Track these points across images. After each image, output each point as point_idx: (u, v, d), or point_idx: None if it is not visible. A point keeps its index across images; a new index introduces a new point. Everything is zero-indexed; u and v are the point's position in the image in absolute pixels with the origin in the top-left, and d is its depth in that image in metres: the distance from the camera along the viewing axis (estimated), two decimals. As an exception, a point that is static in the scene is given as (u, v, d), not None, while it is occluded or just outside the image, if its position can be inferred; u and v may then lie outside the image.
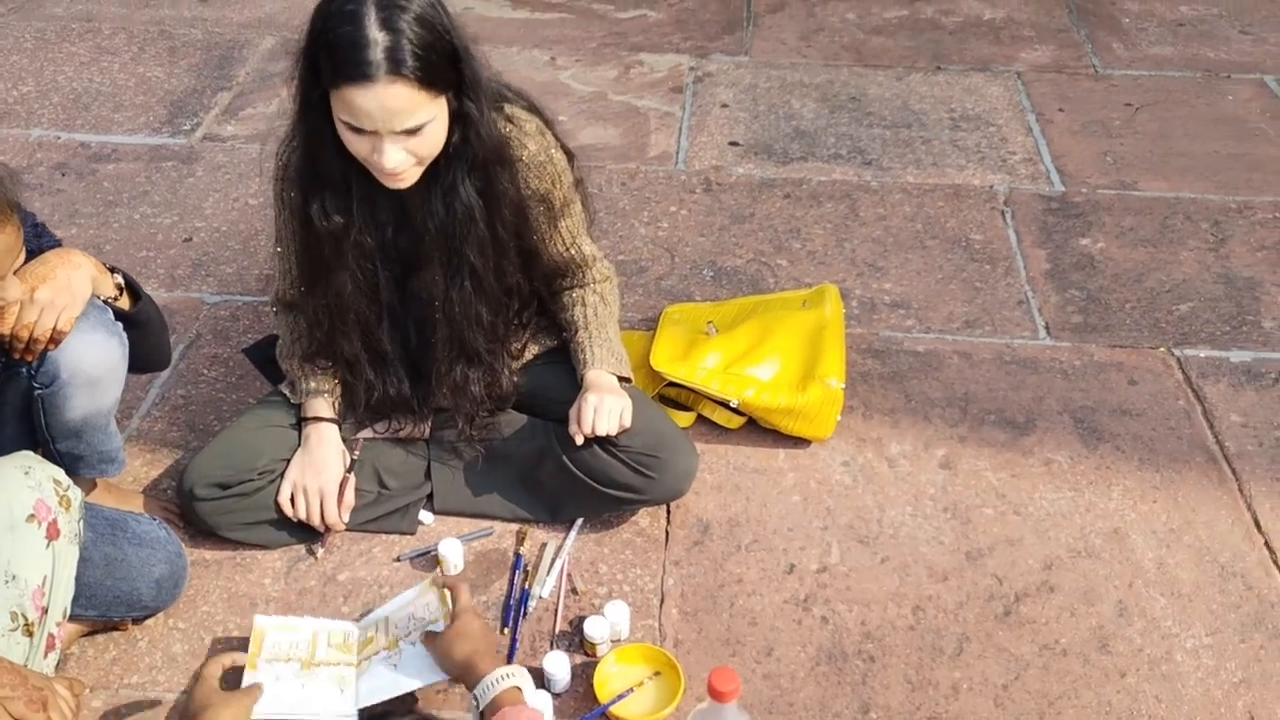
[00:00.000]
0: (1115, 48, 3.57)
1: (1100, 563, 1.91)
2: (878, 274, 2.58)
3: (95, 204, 2.80)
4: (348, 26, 1.48)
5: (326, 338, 1.85)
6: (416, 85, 1.50)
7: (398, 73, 1.48)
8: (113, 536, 1.71)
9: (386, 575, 1.89)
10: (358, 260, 1.75)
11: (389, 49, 1.47)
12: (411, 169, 1.61)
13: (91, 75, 3.38)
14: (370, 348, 1.86)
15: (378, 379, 1.89)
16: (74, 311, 1.53)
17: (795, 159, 3.00)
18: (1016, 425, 2.18)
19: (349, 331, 1.82)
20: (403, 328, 1.86)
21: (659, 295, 2.51)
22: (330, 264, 1.75)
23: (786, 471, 2.08)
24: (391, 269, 1.80)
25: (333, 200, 1.69)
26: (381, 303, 1.82)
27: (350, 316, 1.81)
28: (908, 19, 3.76)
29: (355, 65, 1.47)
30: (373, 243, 1.75)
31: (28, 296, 1.50)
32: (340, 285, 1.76)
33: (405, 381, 1.90)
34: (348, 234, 1.72)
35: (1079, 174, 2.93)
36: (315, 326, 1.85)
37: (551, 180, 1.78)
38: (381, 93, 1.48)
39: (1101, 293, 2.52)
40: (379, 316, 1.83)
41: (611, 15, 3.80)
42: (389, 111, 1.50)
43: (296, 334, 1.91)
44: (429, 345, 1.86)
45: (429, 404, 1.95)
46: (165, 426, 2.17)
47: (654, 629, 1.81)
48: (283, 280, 1.90)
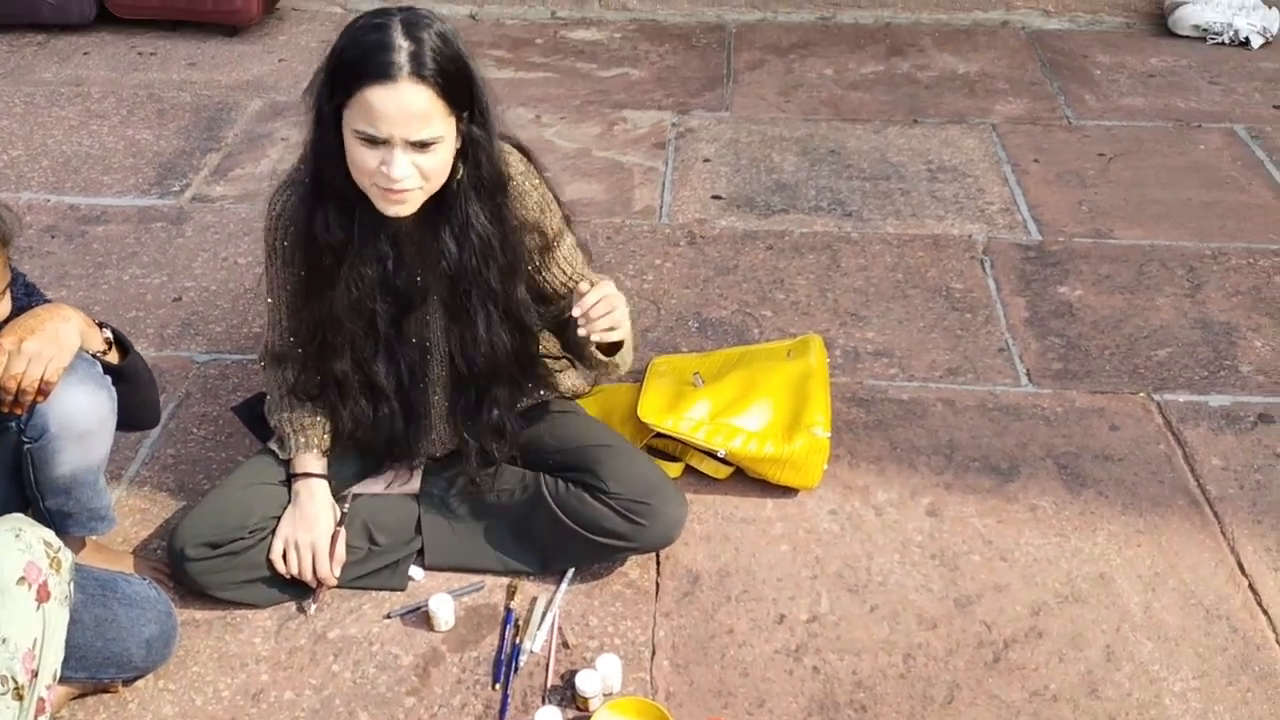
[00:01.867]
0: (1088, 99, 3.65)
1: (1087, 608, 1.92)
2: (860, 323, 2.61)
3: (85, 265, 2.82)
4: (374, 35, 1.56)
5: (317, 355, 1.85)
6: (436, 93, 1.56)
7: (420, 75, 1.54)
8: (103, 597, 1.71)
9: (377, 632, 1.89)
10: (355, 280, 1.77)
11: (413, 54, 1.54)
12: (414, 192, 1.63)
13: (81, 139, 3.42)
14: (365, 377, 1.86)
15: (370, 408, 1.89)
16: (61, 362, 1.55)
17: (777, 211, 3.05)
18: (1001, 472, 2.20)
19: (340, 348, 1.82)
20: (397, 365, 1.87)
21: (646, 347, 2.54)
22: (329, 277, 1.77)
23: (775, 521, 2.10)
24: (389, 306, 1.81)
25: (336, 216, 1.72)
26: (379, 335, 1.83)
27: (343, 333, 1.81)
28: (884, 74, 3.84)
29: (380, 65, 1.53)
30: (372, 273, 1.77)
31: (15, 348, 1.51)
32: (336, 299, 1.78)
33: (399, 420, 1.91)
34: (347, 249, 1.74)
35: (1055, 223, 2.99)
36: (307, 344, 1.85)
37: (540, 209, 1.80)
38: (403, 93, 1.54)
39: (1081, 339, 2.56)
40: (375, 349, 1.84)
41: (595, 74, 3.87)
42: (407, 114, 1.55)
43: (284, 386, 1.93)
44: (422, 388, 1.88)
45: (421, 448, 1.96)
46: (155, 486, 2.17)
47: (645, 681, 1.81)
48: (272, 332, 1.92)
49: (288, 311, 1.86)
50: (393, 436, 1.93)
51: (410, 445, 1.96)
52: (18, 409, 1.55)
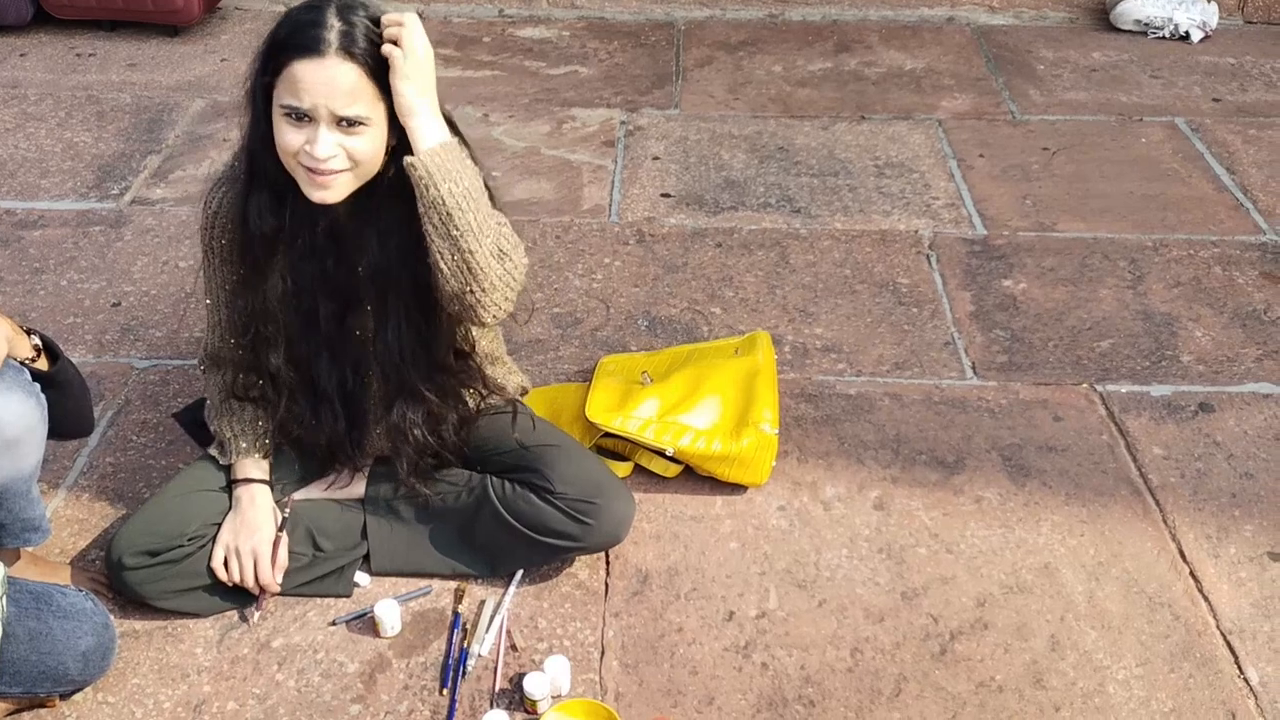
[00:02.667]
0: (1031, 94, 3.69)
1: (1032, 598, 1.94)
2: (809, 319, 2.62)
3: (21, 271, 2.76)
4: (307, 15, 1.56)
5: (252, 349, 1.82)
6: (365, 72, 1.54)
7: (349, 51, 1.53)
8: (37, 610, 1.67)
9: (322, 640, 1.86)
10: (288, 272, 1.74)
11: (344, 32, 1.54)
12: (341, 176, 1.60)
13: (17, 141, 3.35)
14: (301, 373, 1.84)
15: (310, 413, 1.87)
16: None
17: (726, 209, 3.06)
18: (947, 464, 2.21)
19: (274, 340, 1.80)
20: (340, 366, 1.84)
21: (595, 346, 2.53)
22: (262, 268, 1.74)
23: (724, 518, 2.10)
24: (330, 302, 1.78)
25: (269, 201, 1.69)
26: (320, 331, 1.80)
27: (276, 325, 1.79)
28: (832, 71, 3.85)
29: (308, 40, 1.53)
30: (310, 268, 1.74)
31: None
32: (269, 290, 1.76)
33: (341, 421, 1.88)
34: (280, 237, 1.72)
35: (1000, 217, 3.02)
36: (242, 336, 1.82)
37: None
38: (330, 66, 1.53)
39: (1025, 332, 2.58)
40: (317, 347, 1.81)
41: (543, 72, 3.85)
42: (333, 86, 1.53)
43: (225, 389, 1.90)
44: (364, 388, 1.85)
45: (364, 451, 1.93)
46: (93, 495, 2.13)
47: (595, 682, 1.80)
48: (211, 334, 1.88)
49: (227, 311, 1.83)
50: (334, 438, 1.90)
51: (352, 448, 1.93)
52: (-56, 416, 1.52)
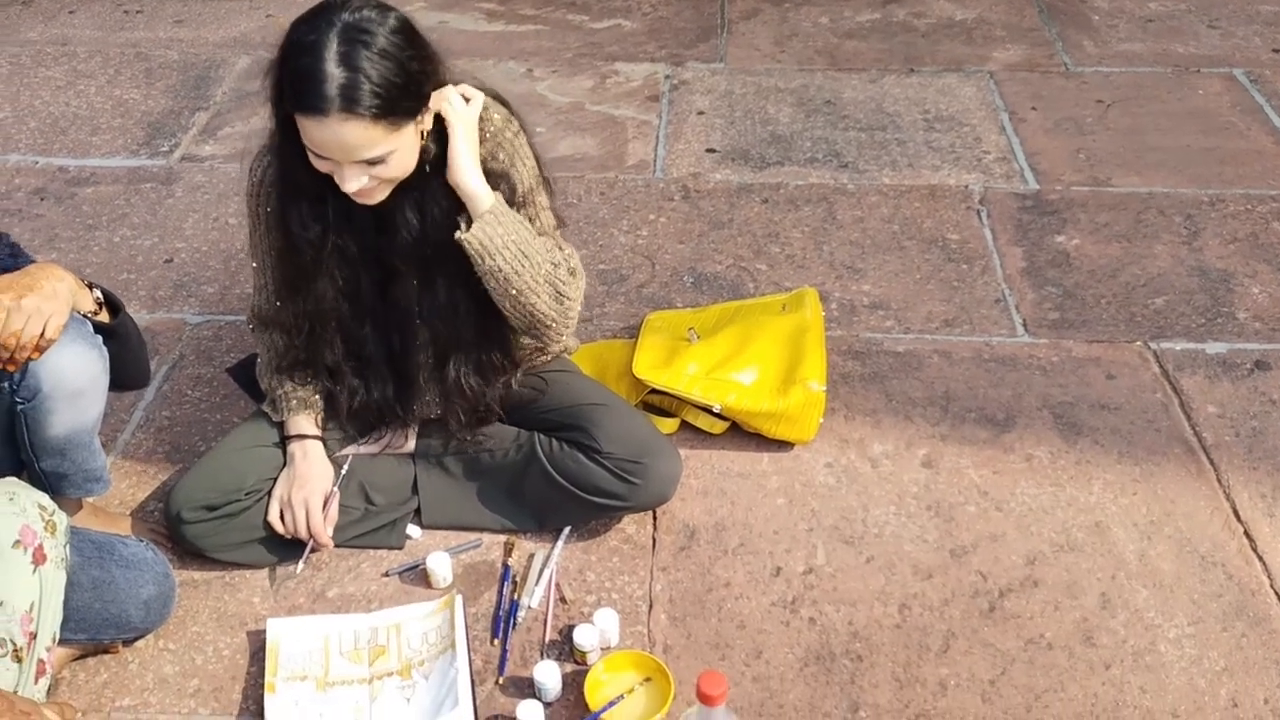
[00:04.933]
0: (1086, 45, 3.61)
1: (1083, 556, 1.93)
2: (856, 276, 2.60)
3: (75, 228, 2.80)
4: (306, 59, 1.47)
5: (307, 345, 1.84)
6: (371, 121, 1.49)
7: (351, 111, 1.47)
8: (100, 559, 1.71)
9: (375, 590, 1.89)
10: (338, 266, 1.75)
11: (344, 86, 1.46)
12: (379, 188, 1.62)
13: (68, 99, 3.38)
14: (352, 353, 1.86)
15: (360, 384, 1.89)
16: (60, 319, 1.54)
17: (772, 164, 3.03)
18: (997, 422, 2.20)
19: (330, 338, 1.83)
20: (385, 332, 1.85)
21: (640, 303, 2.53)
22: (310, 271, 1.75)
23: (771, 475, 2.10)
24: (373, 273, 1.79)
25: (310, 209, 1.70)
26: (364, 306, 1.81)
27: (331, 324, 1.81)
28: (880, 22, 3.79)
29: (309, 99, 1.47)
30: (354, 247, 1.75)
31: (15, 304, 1.50)
32: (321, 292, 1.77)
33: (389, 385, 1.89)
34: (326, 241, 1.72)
35: (1053, 171, 2.96)
36: (295, 333, 1.84)
37: (511, 159, 1.73)
38: (336, 128, 1.48)
39: (1077, 289, 2.55)
40: (362, 320, 1.83)
41: (586, 26, 3.82)
42: (343, 145, 1.51)
43: (274, 351, 1.92)
44: (411, 350, 1.86)
45: (413, 412, 1.95)
46: (151, 448, 2.17)
47: (643, 635, 1.82)
48: (259, 296, 1.90)
49: (274, 275, 1.85)
50: (384, 403, 1.92)
51: (403, 411, 1.95)
52: (11, 366, 1.55)
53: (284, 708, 1.67)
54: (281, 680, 1.71)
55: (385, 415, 1.96)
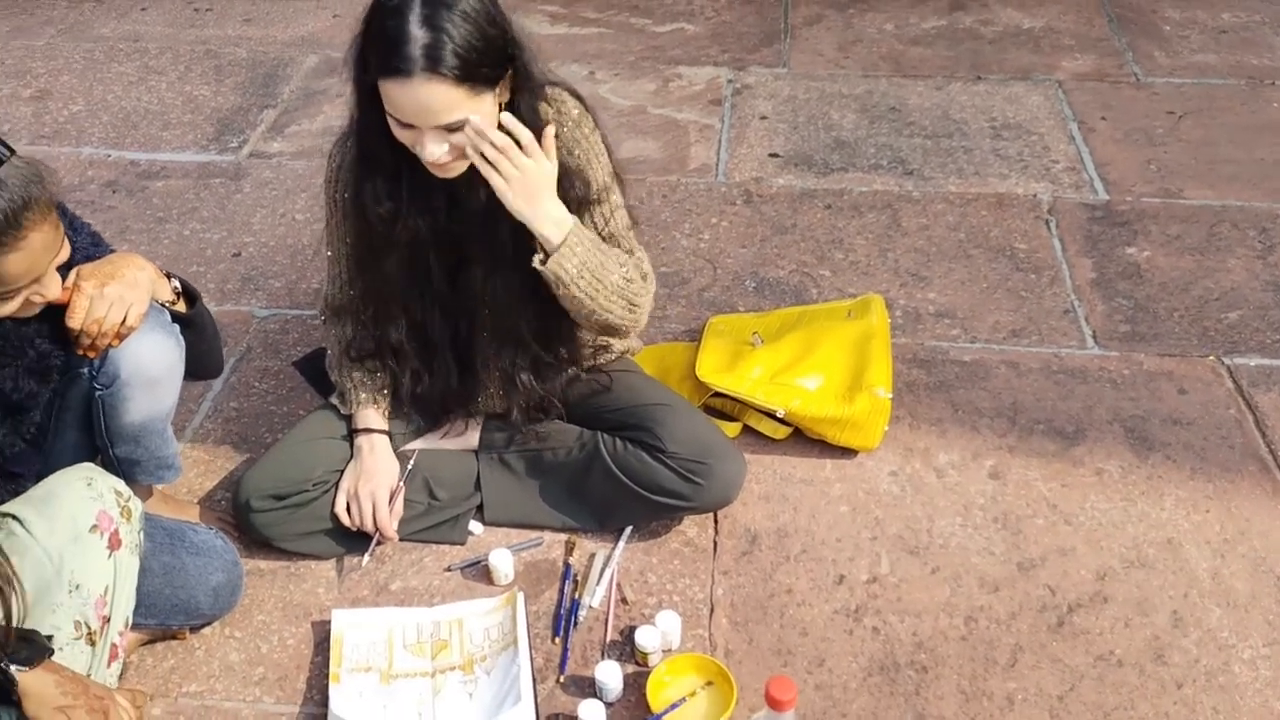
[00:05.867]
0: (1157, 55, 3.55)
1: (1154, 573, 1.89)
2: (921, 284, 2.57)
3: (145, 220, 2.85)
4: (392, 21, 1.50)
5: (373, 323, 1.86)
6: (454, 83, 1.51)
7: (435, 70, 1.49)
8: (171, 546, 1.74)
9: (438, 585, 1.90)
10: (408, 245, 1.76)
11: (427, 46, 1.48)
12: (458, 161, 1.61)
13: (140, 94, 3.44)
14: (418, 336, 1.87)
15: (424, 368, 1.90)
16: (141, 308, 1.57)
17: (836, 170, 3.01)
18: (1066, 435, 2.16)
19: (395, 317, 1.83)
20: (452, 319, 1.86)
21: (702, 306, 2.52)
22: (381, 248, 1.76)
23: (834, 482, 2.08)
24: (444, 258, 1.80)
25: (384, 185, 1.71)
26: (433, 291, 1.82)
27: (397, 302, 1.82)
28: (946, 29, 3.75)
29: (394, 61, 1.49)
30: (425, 227, 1.75)
31: (98, 292, 1.53)
32: (389, 269, 1.78)
33: (454, 373, 1.90)
34: (397, 218, 1.73)
35: (1123, 182, 2.92)
36: (362, 312, 1.85)
37: (586, 157, 1.74)
38: (418, 89, 1.49)
39: (1149, 301, 2.50)
40: (430, 303, 1.83)
41: (649, 29, 3.82)
42: (425, 108, 1.52)
43: (344, 342, 1.93)
44: (476, 340, 1.87)
45: (477, 402, 1.96)
46: (219, 438, 2.20)
47: (704, 639, 1.81)
48: (332, 285, 1.92)
49: (348, 264, 1.86)
50: (448, 390, 1.93)
51: (466, 401, 1.96)
52: (92, 353, 1.58)
53: (349, 698, 1.68)
54: (346, 671, 1.72)
55: (449, 404, 1.97)
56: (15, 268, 1.40)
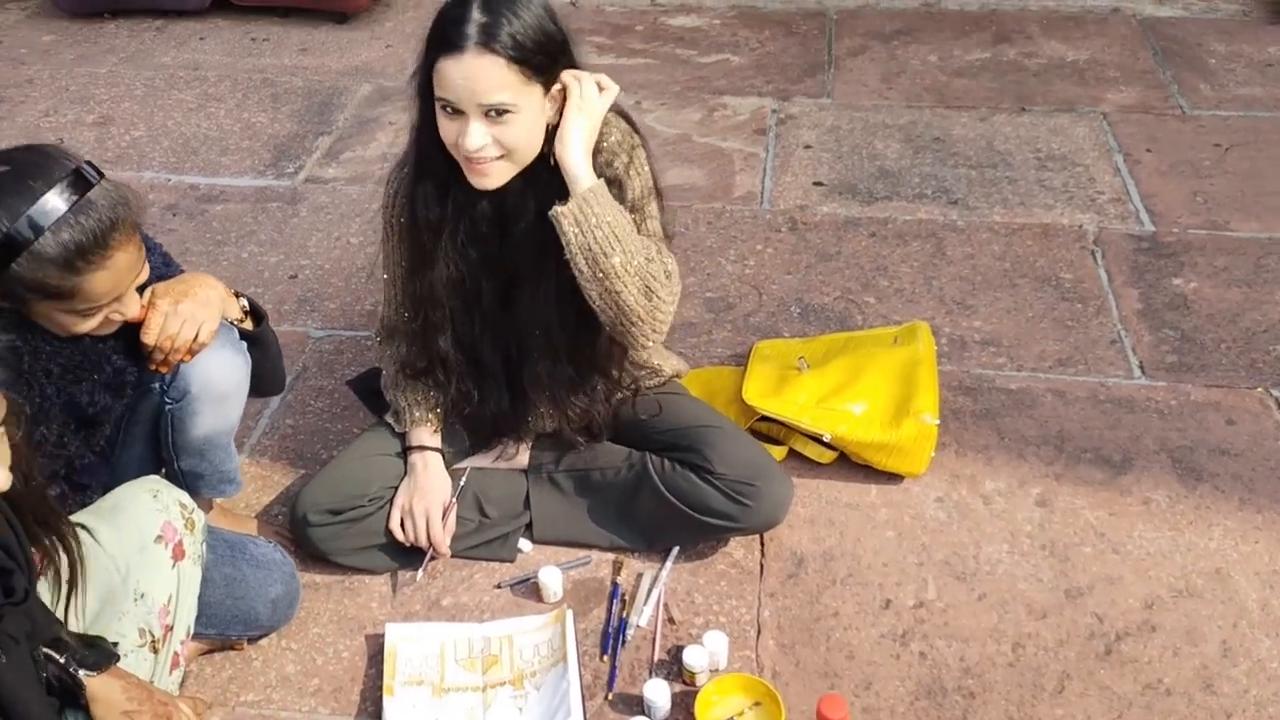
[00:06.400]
0: (1202, 88, 3.55)
1: (1203, 603, 1.89)
2: (967, 312, 2.59)
3: (205, 243, 2.92)
4: (455, 10, 1.60)
5: (423, 337, 1.90)
6: (506, 62, 1.57)
7: (488, 46, 1.57)
8: (232, 558, 1.78)
9: (488, 601, 1.93)
10: (452, 257, 1.81)
11: (485, 25, 1.57)
12: (497, 164, 1.66)
13: (199, 121, 3.54)
14: (469, 357, 1.90)
15: (475, 389, 1.93)
16: (213, 325, 1.63)
17: (880, 198, 3.03)
18: (1113, 464, 2.16)
19: (441, 326, 1.87)
20: (503, 342, 1.90)
21: (747, 331, 2.55)
22: (429, 255, 1.81)
23: (879, 507, 2.10)
24: (494, 280, 1.84)
25: (435, 190, 1.77)
26: (482, 311, 1.86)
27: (443, 311, 1.85)
28: (990, 61, 3.78)
29: (450, 36, 1.58)
30: (467, 243, 1.79)
31: (172, 309, 1.59)
32: (435, 278, 1.82)
33: (505, 396, 1.94)
34: (444, 226, 1.79)
35: (1169, 214, 2.92)
36: (413, 323, 1.90)
37: (627, 168, 1.77)
38: (470, 63, 1.57)
39: (1196, 332, 2.50)
40: (481, 327, 1.88)
41: (694, 60, 3.88)
42: (474, 82, 1.57)
43: (399, 362, 1.98)
44: (527, 363, 1.90)
45: (527, 424, 2.00)
46: (275, 455, 2.25)
47: (751, 660, 1.82)
48: (387, 307, 1.97)
49: (402, 286, 1.91)
50: (499, 412, 1.97)
51: (517, 423, 2.00)
52: (165, 368, 1.63)
53: (402, 710, 1.71)
54: (400, 684, 1.75)
55: (500, 426, 2.01)
56: (101, 286, 1.46)
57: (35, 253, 1.40)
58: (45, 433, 1.60)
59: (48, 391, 1.58)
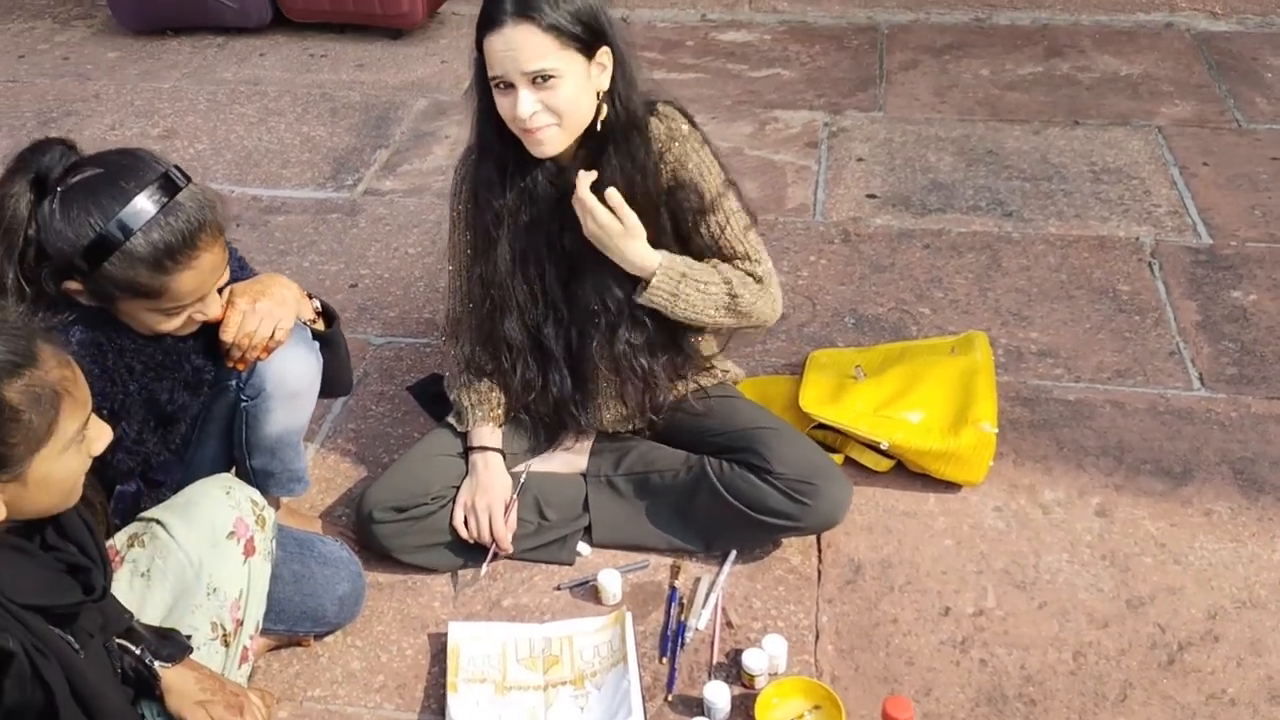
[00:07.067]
0: (1258, 102, 3.52)
1: (1267, 614, 1.87)
2: (1023, 323, 2.58)
3: (268, 253, 2.99)
4: None
5: (488, 316, 1.94)
6: (542, 29, 1.65)
7: (524, 14, 1.65)
8: (301, 555, 1.82)
9: (548, 603, 1.96)
10: (515, 238, 1.87)
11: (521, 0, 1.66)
12: (549, 130, 1.72)
13: (260, 134, 3.62)
14: (531, 337, 1.94)
15: (539, 375, 1.97)
16: (288, 323, 1.67)
17: (934, 210, 3.04)
18: (1174, 475, 2.15)
19: (506, 307, 1.92)
20: (565, 329, 1.94)
21: (802, 342, 2.56)
22: (493, 236, 1.88)
23: (937, 515, 2.10)
24: (556, 261, 1.89)
25: (495, 173, 1.84)
26: (545, 291, 1.91)
27: (507, 292, 1.90)
28: (1043, 75, 3.77)
29: (491, 13, 1.67)
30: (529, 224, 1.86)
31: (250, 307, 1.64)
32: (499, 257, 1.88)
33: (567, 382, 1.97)
34: (505, 208, 1.85)
35: (1227, 226, 2.90)
36: (479, 307, 1.95)
37: (699, 170, 1.84)
38: (509, 33, 1.65)
39: (1256, 345, 2.48)
40: (544, 312, 1.92)
41: (745, 74, 3.91)
42: (516, 51, 1.65)
43: (463, 359, 2.02)
44: (588, 349, 1.94)
45: (588, 413, 2.02)
46: (338, 457, 2.29)
47: (810, 664, 1.83)
48: (453, 298, 2.02)
49: (467, 274, 1.97)
50: (561, 400, 2.00)
51: (578, 412, 2.02)
52: (242, 365, 1.68)
53: (466, 707, 1.73)
54: (463, 681, 1.78)
55: (561, 413, 2.03)
56: (187, 285, 1.51)
57: (127, 252, 1.45)
58: (126, 429, 1.65)
59: (130, 388, 1.62)
